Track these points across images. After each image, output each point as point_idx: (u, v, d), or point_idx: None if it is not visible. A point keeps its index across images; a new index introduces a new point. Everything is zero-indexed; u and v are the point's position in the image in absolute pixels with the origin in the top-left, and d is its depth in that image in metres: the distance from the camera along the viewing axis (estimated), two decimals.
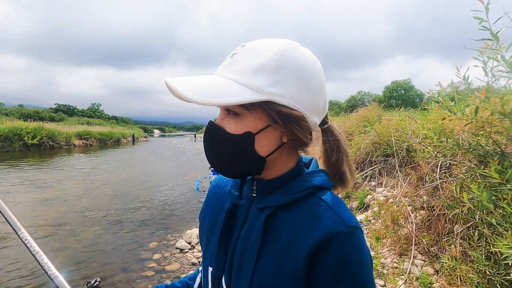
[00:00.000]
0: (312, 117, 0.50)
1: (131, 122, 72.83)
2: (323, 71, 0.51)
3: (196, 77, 0.48)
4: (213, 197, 0.65)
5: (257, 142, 0.48)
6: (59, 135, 22.96)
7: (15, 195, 7.28)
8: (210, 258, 0.57)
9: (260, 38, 0.50)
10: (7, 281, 3.34)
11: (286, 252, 0.46)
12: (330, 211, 0.47)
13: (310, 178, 0.52)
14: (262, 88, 0.45)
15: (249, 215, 0.53)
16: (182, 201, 7.02)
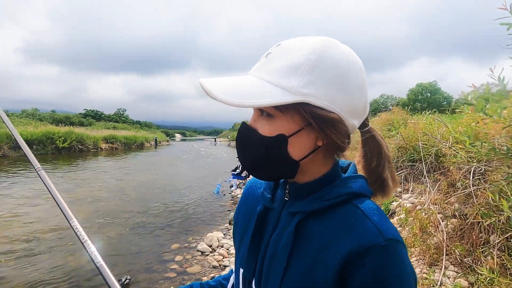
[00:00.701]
0: (350, 120, 0.47)
1: (153, 127, 75.16)
2: (364, 70, 0.48)
3: (230, 78, 0.48)
4: (246, 199, 0.65)
5: (290, 145, 0.46)
6: (88, 139, 24.12)
7: (47, 196, 7.68)
8: (241, 260, 0.57)
9: (288, 39, 0.48)
10: (59, 267, 3.52)
11: (316, 260, 0.44)
12: (366, 221, 0.44)
13: (347, 184, 0.49)
14: (296, 89, 0.43)
15: (280, 219, 0.52)
16: (202, 204, 7.10)
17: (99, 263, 0.67)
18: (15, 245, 4.47)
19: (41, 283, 3.39)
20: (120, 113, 60.92)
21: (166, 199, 7.61)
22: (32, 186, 8.76)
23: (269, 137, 0.46)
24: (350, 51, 0.47)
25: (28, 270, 3.70)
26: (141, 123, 67.19)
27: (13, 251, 4.24)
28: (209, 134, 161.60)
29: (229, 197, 7.90)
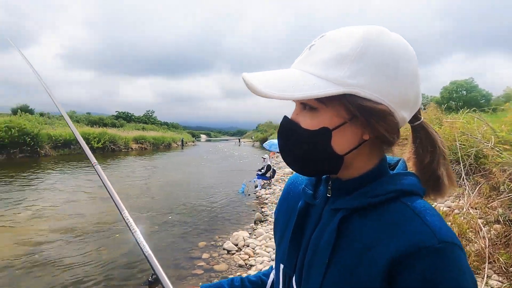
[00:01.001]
0: (400, 112, 0.44)
1: (180, 127, 77.37)
2: (416, 58, 0.45)
3: (273, 72, 0.47)
4: (287, 195, 0.64)
5: (334, 139, 0.44)
6: (119, 140, 25.41)
7: (84, 192, 8.19)
8: (282, 255, 0.56)
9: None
10: (111, 256, 3.75)
11: (360, 259, 0.42)
12: (418, 220, 0.41)
13: (395, 180, 0.46)
14: (341, 80, 0.41)
15: (322, 216, 0.51)
16: (228, 204, 7.19)
17: (147, 252, 0.71)
18: (65, 234, 4.80)
19: (89, 268, 3.61)
20: (149, 114, 63.40)
21: (193, 198, 7.79)
22: (75, 181, 9.36)
23: (312, 130, 0.45)
24: (400, 38, 0.44)
25: (76, 257, 3.96)
26: (168, 124, 69.49)
27: (64, 240, 4.55)
28: (234, 135, 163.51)
29: (254, 197, 7.93)
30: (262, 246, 4.34)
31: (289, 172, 11.19)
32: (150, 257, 0.70)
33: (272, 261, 3.84)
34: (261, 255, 4.02)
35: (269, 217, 5.87)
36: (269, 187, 8.94)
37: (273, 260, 3.80)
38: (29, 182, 9.53)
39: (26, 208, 6.44)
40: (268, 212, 6.20)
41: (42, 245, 4.46)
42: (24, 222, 5.52)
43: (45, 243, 4.56)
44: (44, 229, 5.15)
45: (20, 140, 17.38)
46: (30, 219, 5.70)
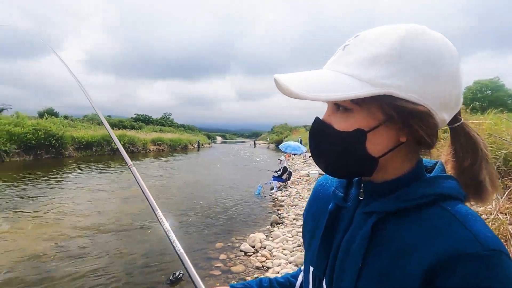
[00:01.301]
0: (440, 113, 0.42)
1: (196, 130, 78.43)
2: (458, 58, 0.43)
3: (305, 72, 0.46)
4: (316, 197, 0.63)
5: (369, 141, 0.43)
6: (138, 141, 26.14)
7: (106, 192, 8.46)
8: (311, 258, 0.56)
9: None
10: (132, 254, 3.88)
11: (395, 265, 0.41)
12: (459, 226, 0.39)
13: (434, 184, 0.44)
14: (378, 81, 0.40)
15: (354, 219, 0.50)
16: (244, 206, 7.21)
17: (180, 251, 0.72)
18: (88, 232, 4.98)
19: (110, 265, 3.73)
20: (166, 117, 64.71)
21: (209, 199, 7.87)
22: (98, 181, 9.70)
23: (346, 132, 0.44)
24: (440, 36, 0.43)
25: (97, 254, 4.10)
26: (185, 126, 70.65)
27: (86, 237, 4.73)
28: (249, 137, 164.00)
29: (270, 199, 7.91)
30: (279, 249, 4.32)
31: (305, 174, 11.09)
32: (182, 255, 0.71)
33: (289, 263, 3.82)
34: (278, 258, 4.00)
35: (285, 219, 5.83)
36: (285, 189, 8.89)
37: (290, 263, 3.78)
38: (55, 181, 9.96)
39: (52, 206, 6.73)
40: (284, 215, 6.16)
41: (66, 241, 4.64)
42: (51, 219, 5.77)
43: (68, 239, 4.74)
44: (68, 226, 5.36)
45: (46, 142, 18.22)
46: (56, 217, 5.94)
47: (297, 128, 51.95)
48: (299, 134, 38.44)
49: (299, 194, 8.04)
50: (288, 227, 5.29)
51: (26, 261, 3.99)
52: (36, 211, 6.32)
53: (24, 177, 10.53)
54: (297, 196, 7.81)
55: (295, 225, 5.40)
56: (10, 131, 16.84)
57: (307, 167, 13.85)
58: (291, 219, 5.76)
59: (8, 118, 19.30)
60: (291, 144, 14.30)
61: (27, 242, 4.63)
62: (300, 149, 14.09)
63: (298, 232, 4.89)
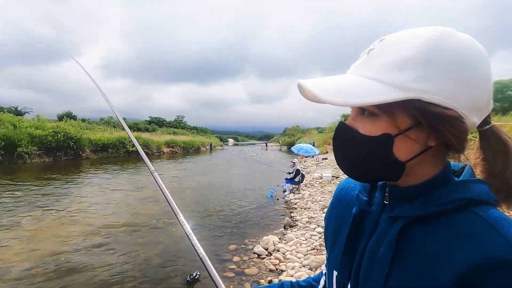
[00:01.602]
0: (470, 116, 0.41)
1: (208, 132, 79.19)
2: (488, 60, 0.42)
3: (330, 78, 0.46)
4: (338, 201, 0.63)
5: (396, 145, 0.42)
6: (152, 144, 26.68)
7: (122, 193, 8.66)
8: (335, 262, 0.55)
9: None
10: (148, 255, 3.97)
11: (424, 271, 0.40)
12: (493, 231, 0.38)
13: (464, 188, 0.43)
14: (406, 85, 0.39)
15: (379, 224, 0.49)
16: (256, 208, 7.21)
17: (201, 254, 0.74)
18: (105, 231, 5.12)
19: (126, 266, 3.81)
20: (179, 119, 65.66)
21: (222, 201, 7.92)
22: (114, 182, 9.95)
23: (372, 136, 0.43)
24: (470, 39, 0.42)
25: (113, 255, 4.20)
26: (197, 129, 71.46)
27: (103, 237, 4.86)
28: (261, 139, 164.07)
29: (283, 202, 7.88)
30: (292, 252, 4.29)
31: (318, 177, 10.98)
32: (204, 258, 0.73)
33: (303, 267, 3.78)
34: (292, 261, 3.98)
35: (298, 222, 5.79)
36: (298, 192, 8.83)
37: (304, 266, 3.75)
38: (74, 182, 10.28)
39: (72, 205, 6.94)
40: (297, 217, 6.12)
41: (84, 240, 4.78)
42: (70, 218, 5.95)
43: (86, 238, 4.88)
44: (87, 225, 5.52)
45: (65, 144, 18.85)
46: (75, 216, 6.13)
47: (309, 130, 51.59)
48: (312, 136, 38.16)
49: (312, 197, 7.97)
50: (301, 230, 5.25)
51: (46, 258, 4.13)
52: (56, 211, 6.54)
53: (45, 178, 10.93)
54: (310, 199, 7.74)
55: (308, 228, 5.36)
56: (32, 133, 17.53)
57: (320, 170, 13.72)
58: (304, 222, 5.71)
59: (29, 121, 20.13)
60: (304, 146, 14.22)
61: (48, 240, 4.79)
62: (313, 151, 13.98)
63: (311, 236, 4.85)
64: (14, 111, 27.75)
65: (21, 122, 18.78)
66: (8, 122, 18.00)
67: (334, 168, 14.22)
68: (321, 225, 5.35)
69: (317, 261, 3.73)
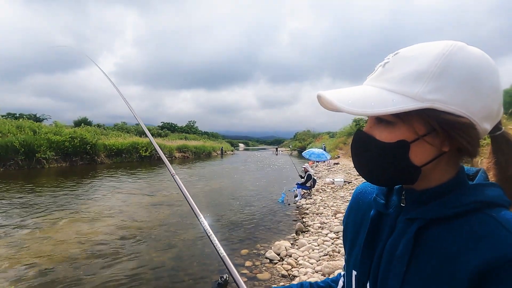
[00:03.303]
0: (482, 124, 0.44)
1: (219, 137, 79.71)
2: (498, 72, 0.45)
3: (348, 89, 0.49)
4: (356, 204, 0.65)
5: (412, 151, 0.45)
6: (164, 149, 27.08)
7: (136, 198, 8.82)
8: (354, 263, 0.58)
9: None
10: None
11: (440, 271, 0.42)
12: (505, 232, 0.40)
13: (478, 191, 0.45)
14: (421, 96, 0.42)
15: (397, 225, 0.51)
16: (268, 213, 7.20)
17: (222, 254, 0.77)
18: (121, 234, 5.23)
19: (141, 267, 3.89)
20: (191, 124, 66.46)
21: (233, 205, 7.95)
22: (130, 186, 10.15)
23: (390, 143, 0.46)
24: (481, 52, 0.45)
25: (129, 257, 4.29)
26: (208, 134, 72.08)
27: (119, 239, 4.97)
28: (271, 144, 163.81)
29: (294, 207, 7.84)
30: (305, 257, 4.26)
31: (330, 182, 10.88)
32: (225, 258, 0.76)
33: (316, 272, 3.75)
34: (304, 266, 3.95)
35: (310, 227, 5.75)
36: (309, 197, 8.77)
37: (317, 272, 3.72)
38: (91, 186, 10.56)
39: (89, 208, 7.13)
40: (309, 223, 6.08)
41: (101, 243, 4.89)
42: (87, 221, 6.11)
43: (103, 241, 5.00)
44: (103, 229, 5.65)
45: (81, 149, 19.40)
46: (91, 219, 6.29)
47: (320, 135, 51.19)
48: (323, 140, 37.84)
49: (324, 202, 7.90)
50: (313, 236, 5.21)
51: (63, 259, 4.25)
52: (73, 214, 6.73)
53: (63, 182, 11.27)
54: (322, 204, 7.68)
55: (320, 233, 5.31)
56: (50, 139, 18.14)
57: (331, 175, 13.58)
58: (316, 228, 5.67)
59: (48, 127, 20.84)
60: (315, 151, 14.13)
61: (65, 242, 4.93)
62: (325, 156, 13.86)
63: (324, 241, 4.81)
64: (33, 117, 28.82)
65: (40, 128, 19.47)
66: (28, 128, 18.70)
67: (346, 173, 14.05)
68: (333, 231, 5.30)
69: (330, 267, 3.70)
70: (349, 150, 11.45)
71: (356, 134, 0.52)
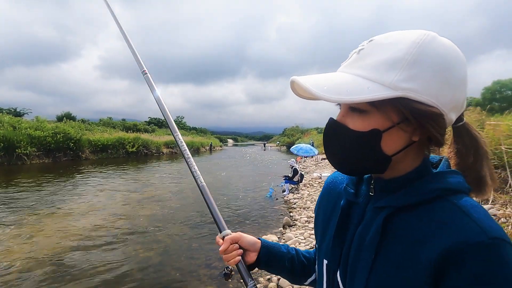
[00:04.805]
0: (449, 114, 0.45)
1: (208, 133, 79.08)
2: (466, 63, 0.46)
3: (323, 75, 0.48)
4: (327, 193, 0.66)
5: (384, 140, 0.46)
6: (152, 144, 26.66)
7: (122, 194, 8.67)
8: (325, 251, 0.59)
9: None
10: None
11: (406, 256, 0.44)
12: (465, 218, 0.41)
13: (441, 179, 0.47)
14: (395, 84, 0.42)
15: (366, 214, 0.52)
16: (256, 208, 7.24)
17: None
18: (105, 232, 5.14)
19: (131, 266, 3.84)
20: (179, 120, 65.67)
21: (222, 201, 7.95)
22: (114, 183, 9.96)
23: (362, 132, 0.46)
24: (451, 43, 0.45)
25: (116, 255, 4.23)
26: (197, 129, 71.42)
27: (103, 237, 4.88)
28: (260, 139, 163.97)
29: (282, 202, 7.91)
30: None
31: (317, 176, 11.02)
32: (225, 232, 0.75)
33: None
34: None
35: (297, 221, 5.83)
36: (297, 192, 8.87)
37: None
38: (74, 183, 10.29)
39: (72, 206, 6.96)
40: (296, 217, 6.16)
41: (83, 242, 4.80)
42: (70, 219, 5.97)
43: (85, 238, 4.90)
44: (85, 226, 5.54)
45: (65, 145, 18.84)
46: (75, 216, 6.15)
47: (308, 131, 51.63)
48: (311, 136, 38.16)
49: (311, 196, 8.00)
50: (300, 230, 5.28)
51: (47, 257, 4.15)
52: (56, 211, 6.55)
53: (45, 179, 10.93)
54: (309, 198, 7.78)
55: (307, 227, 5.39)
56: (31, 134, 17.52)
57: (319, 170, 13.75)
58: (303, 222, 5.75)
59: (29, 122, 20.10)
60: (303, 147, 14.24)
61: (48, 240, 4.81)
62: (312, 151, 14.01)
63: (310, 235, 4.88)
64: (13, 112, 27.73)
65: (20, 123, 18.76)
66: (7, 123, 17.99)
67: (332, 168, 14.24)
68: None
69: None
70: None
71: (328, 124, 0.52)
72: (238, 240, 0.73)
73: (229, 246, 0.71)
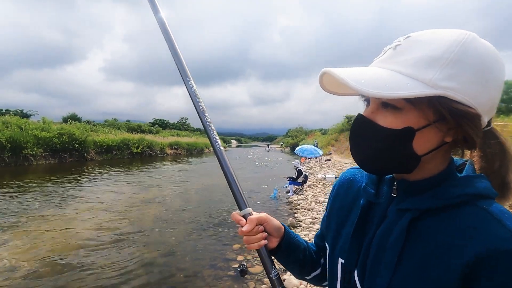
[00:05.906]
0: (484, 116, 0.44)
1: None
2: (505, 66, 0.45)
3: (357, 69, 0.46)
4: (343, 192, 0.64)
5: (416, 139, 0.44)
6: (156, 145, 26.84)
7: (127, 195, 8.73)
8: (340, 251, 0.57)
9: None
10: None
11: (432, 262, 0.43)
12: (496, 224, 0.40)
13: (469, 183, 0.46)
14: (435, 82, 0.41)
15: (387, 215, 0.51)
16: (260, 209, 7.23)
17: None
18: (111, 232, 5.18)
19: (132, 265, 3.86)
20: (183, 121, 65.87)
21: (226, 201, 7.94)
22: (119, 184, 10.02)
23: (394, 129, 0.45)
24: (491, 45, 0.44)
25: (119, 255, 4.25)
26: (201, 131, 71.65)
27: (109, 236, 4.92)
28: (264, 141, 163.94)
29: (286, 203, 7.89)
30: None
31: (321, 178, 10.98)
32: (246, 211, 0.67)
33: None
34: None
35: (302, 223, 5.81)
36: (301, 193, 8.84)
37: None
38: (80, 183, 10.39)
39: (78, 206, 7.03)
40: (301, 218, 6.14)
41: (89, 242, 4.84)
42: (76, 219, 6.03)
43: (91, 238, 4.94)
44: (91, 226, 5.58)
45: (70, 145, 19.04)
46: (81, 217, 6.20)
47: (312, 132, 51.50)
48: (315, 137, 38.09)
49: (315, 197, 7.98)
50: (305, 231, 5.27)
51: (52, 257, 4.19)
52: (62, 211, 6.62)
53: (51, 179, 11.06)
54: (313, 199, 7.75)
55: (312, 228, 5.37)
56: (37, 135, 17.73)
57: (323, 171, 13.71)
58: (308, 223, 5.73)
59: (35, 123, 20.35)
60: (307, 148, 14.22)
61: (53, 240, 4.86)
62: (317, 152, 13.98)
63: None
64: (20, 113, 28.08)
65: (27, 125, 19.00)
66: (14, 124, 18.24)
67: (337, 169, 14.20)
68: None
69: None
70: (340, 146, 11.49)
71: (356, 119, 0.50)
72: (265, 222, 0.65)
73: (255, 227, 0.62)
